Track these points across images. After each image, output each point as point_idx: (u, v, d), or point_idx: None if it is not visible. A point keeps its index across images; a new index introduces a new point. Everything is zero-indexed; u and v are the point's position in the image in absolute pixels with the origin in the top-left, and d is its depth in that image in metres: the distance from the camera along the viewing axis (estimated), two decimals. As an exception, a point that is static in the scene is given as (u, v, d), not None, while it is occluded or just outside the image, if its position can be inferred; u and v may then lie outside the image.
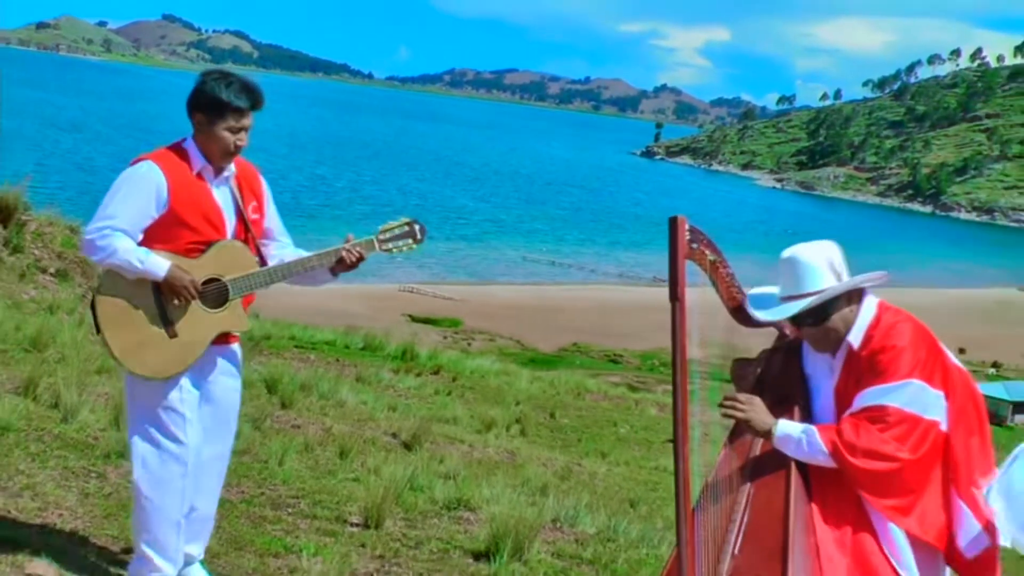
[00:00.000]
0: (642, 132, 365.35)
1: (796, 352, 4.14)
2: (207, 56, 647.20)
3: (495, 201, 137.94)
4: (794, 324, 3.90)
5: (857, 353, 3.82)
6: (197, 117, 4.40)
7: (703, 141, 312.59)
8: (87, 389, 7.92)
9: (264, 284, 4.50)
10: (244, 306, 4.60)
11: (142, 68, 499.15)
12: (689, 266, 3.79)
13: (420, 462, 8.92)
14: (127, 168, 4.44)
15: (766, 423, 3.77)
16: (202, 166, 4.44)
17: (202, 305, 4.40)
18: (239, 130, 4.41)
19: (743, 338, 4.28)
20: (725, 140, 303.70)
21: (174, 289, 4.31)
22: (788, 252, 3.84)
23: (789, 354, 4.16)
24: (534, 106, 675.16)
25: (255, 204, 4.61)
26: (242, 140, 4.44)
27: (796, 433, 3.75)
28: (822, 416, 3.90)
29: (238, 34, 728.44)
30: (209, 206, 4.44)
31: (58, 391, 7.41)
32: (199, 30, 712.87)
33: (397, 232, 4.62)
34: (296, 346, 18.15)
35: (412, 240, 4.64)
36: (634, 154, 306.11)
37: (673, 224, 3.68)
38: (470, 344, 56.14)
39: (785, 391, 3.96)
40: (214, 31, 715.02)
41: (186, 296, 4.33)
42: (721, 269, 3.93)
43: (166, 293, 4.35)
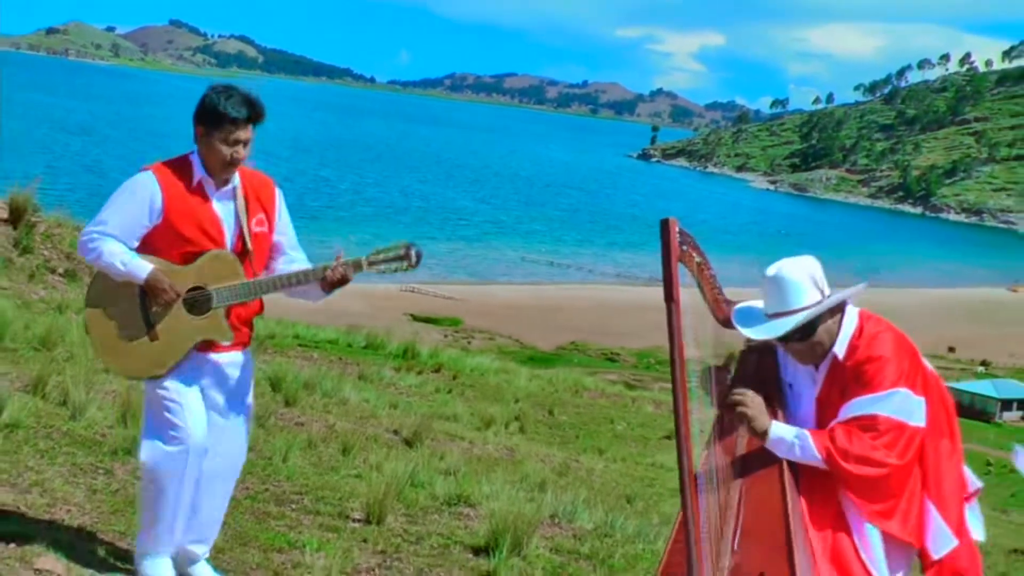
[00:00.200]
0: (639, 135, 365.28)
1: (770, 352, 4.15)
2: (213, 61, 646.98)
3: (495, 202, 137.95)
4: (780, 341, 3.90)
5: (842, 364, 3.85)
6: (198, 128, 4.41)
7: (698, 144, 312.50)
8: (95, 387, 7.92)
9: (248, 296, 4.46)
10: (244, 317, 4.58)
11: (149, 72, 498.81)
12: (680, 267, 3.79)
13: (421, 459, 8.91)
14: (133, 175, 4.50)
15: (764, 424, 3.79)
16: (202, 177, 4.45)
17: (186, 311, 4.41)
18: (236, 142, 4.38)
19: (732, 337, 4.29)
20: (720, 143, 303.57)
21: (154, 291, 4.36)
22: (773, 270, 3.84)
23: (763, 355, 4.16)
24: (533, 109, 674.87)
25: (261, 217, 4.57)
26: (239, 153, 4.41)
27: (789, 437, 3.77)
28: (805, 423, 3.92)
29: (243, 39, 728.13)
30: (206, 217, 4.44)
31: (66, 389, 7.41)
32: (205, 35, 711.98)
33: (391, 255, 4.45)
34: (300, 345, 18.14)
35: (406, 263, 4.43)
36: (631, 157, 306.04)
37: (665, 226, 3.68)
38: (470, 343, 56.15)
39: (765, 392, 3.96)
40: (220, 36, 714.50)
41: (165, 299, 4.36)
42: (706, 271, 3.95)
43: (149, 296, 4.40)
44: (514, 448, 12.70)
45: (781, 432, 3.78)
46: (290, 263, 4.65)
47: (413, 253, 4.42)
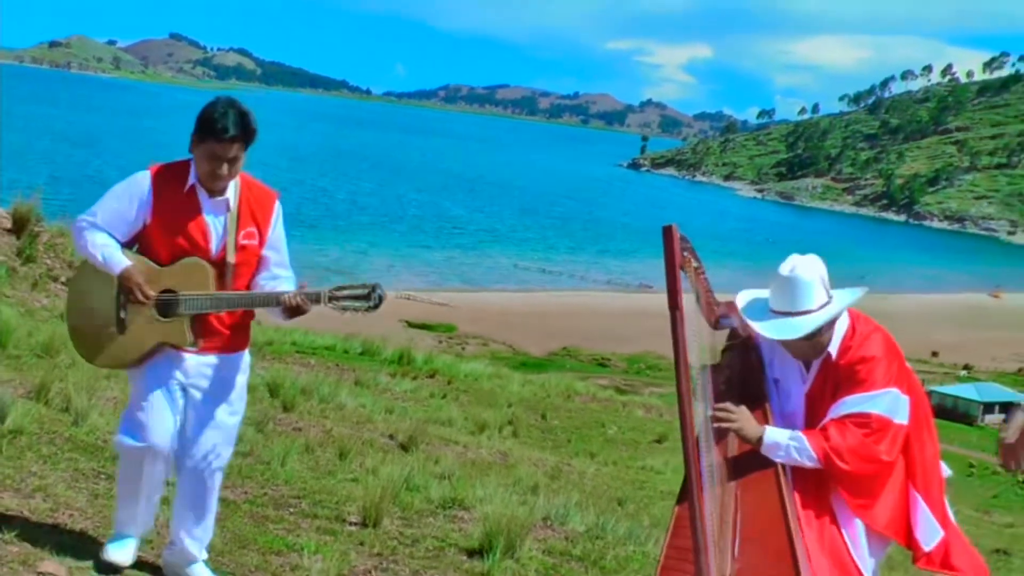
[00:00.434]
0: (629, 145, 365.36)
1: (752, 350, 4.13)
2: (212, 73, 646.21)
3: (489, 211, 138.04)
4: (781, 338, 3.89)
5: (835, 362, 3.86)
6: (193, 137, 4.39)
7: (687, 153, 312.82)
8: (96, 394, 7.90)
9: (214, 308, 4.42)
10: (228, 322, 4.52)
11: (150, 85, 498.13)
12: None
13: (416, 463, 8.91)
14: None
15: (756, 432, 3.78)
16: (195, 184, 4.43)
17: (154, 312, 4.42)
18: (219, 158, 4.34)
19: (720, 337, 4.29)
20: (708, 152, 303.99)
21: (125, 289, 4.39)
22: (787, 270, 3.83)
23: (745, 352, 4.13)
24: (525, 120, 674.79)
25: (252, 230, 4.51)
26: (222, 169, 4.36)
27: (784, 440, 3.78)
28: (793, 419, 3.93)
29: (242, 52, 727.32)
30: (193, 223, 4.42)
31: (69, 395, 7.39)
32: (204, 48, 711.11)
33: (353, 293, 4.38)
34: (297, 351, 18.13)
35: (367, 304, 4.37)
36: (621, 166, 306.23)
37: (668, 233, 3.63)
38: (464, 348, 56.15)
39: (751, 390, 3.95)
40: (219, 49, 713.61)
41: (134, 296, 4.38)
42: (702, 275, 3.94)
43: (123, 291, 4.43)
44: (507, 452, 12.69)
45: (776, 437, 3.78)
46: (272, 280, 4.58)
47: (375, 295, 4.36)
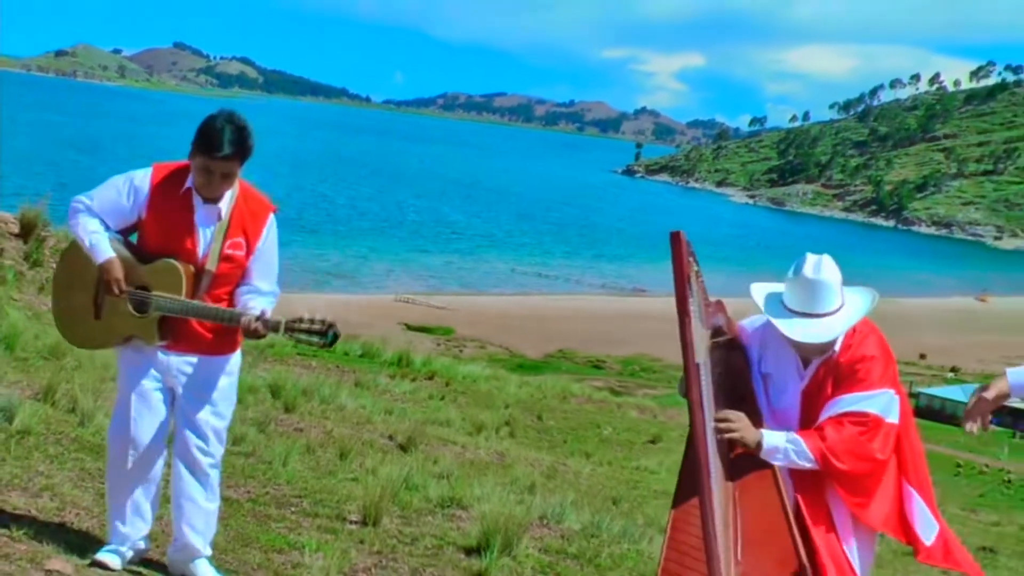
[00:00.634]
0: (623, 152, 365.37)
1: (738, 347, 4.10)
2: (215, 81, 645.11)
3: (486, 217, 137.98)
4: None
5: (836, 359, 3.86)
6: (191, 146, 4.38)
7: (680, 160, 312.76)
8: (102, 395, 7.90)
9: (181, 313, 4.41)
10: (211, 326, 4.48)
11: (154, 93, 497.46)
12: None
13: (415, 463, 8.92)
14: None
15: (755, 437, 3.76)
16: (191, 187, 4.43)
17: (129, 306, 4.45)
18: (209, 171, 4.34)
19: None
20: (701, 159, 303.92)
21: (103, 278, 4.43)
22: (813, 272, 3.81)
23: (731, 351, 4.09)
24: (522, 127, 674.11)
25: (239, 241, 4.48)
26: (212, 181, 4.36)
27: (782, 443, 3.76)
28: (787, 414, 3.91)
29: (244, 60, 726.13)
30: (182, 223, 4.43)
31: (75, 397, 7.40)
32: (208, 57, 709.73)
33: (313, 328, 4.37)
34: (298, 353, 18.09)
35: (320, 340, 4.38)
36: (616, 172, 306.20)
37: (675, 239, 3.59)
38: (462, 351, 56.08)
39: (739, 391, 3.93)
40: (222, 58, 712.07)
41: (109, 288, 4.42)
42: (700, 279, 3.93)
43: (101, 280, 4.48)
44: (504, 452, 12.70)
45: (774, 441, 3.76)
46: (251, 292, 4.53)
47: (331, 334, 4.39)
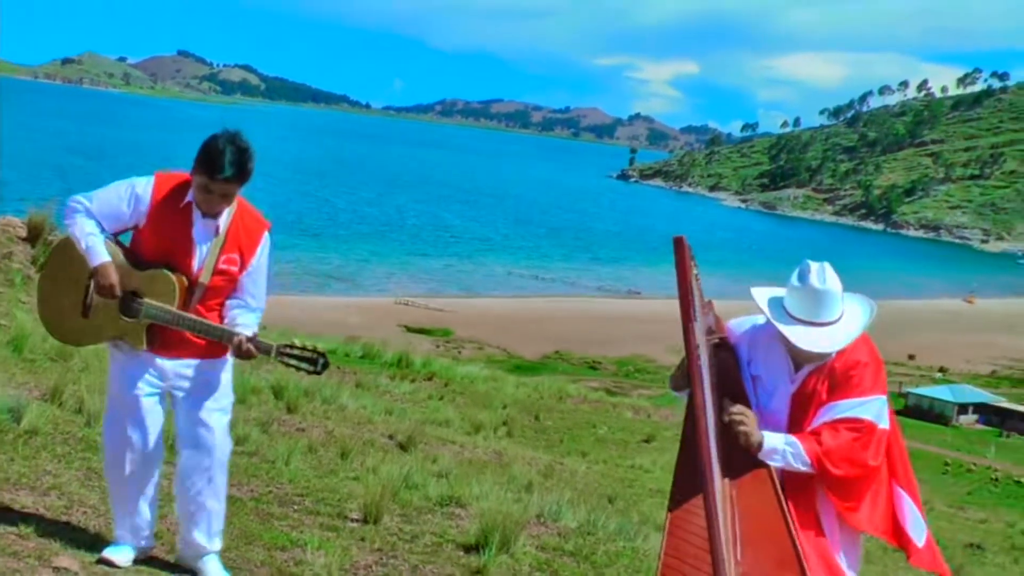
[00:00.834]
0: (618, 157, 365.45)
1: (727, 348, 4.05)
2: (218, 88, 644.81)
3: (484, 221, 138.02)
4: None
5: (830, 365, 3.83)
6: (193, 163, 4.37)
7: (674, 165, 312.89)
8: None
9: (171, 323, 4.41)
10: (189, 339, 4.48)
11: (159, 100, 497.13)
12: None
13: (415, 462, 8.91)
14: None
15: (759, 437, 3.75)
16: (192, 201, 4.42)
17: (118, 308, 4.44)
18: (210, 191, 4.33)
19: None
20: (694, 164, 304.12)
21: (98, 282, 4.41)
22: (820, 282, 3.78)
23: (722, 351, 4.03)
24: (518, 133, 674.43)
25: (233, 256, 4.48)
26: (212, 201, 4.36)
27: (780, 445, 3.74)
28: (775, 417, 3.88)
29: (247, 68, 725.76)
30: (180, 235, 4.42)
31: (82, 398, 7.39)
32: (211, 64, 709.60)
33: (303, 355, 4.41)
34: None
35: (311, 367, 4.42)
36: (610, 177, 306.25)
37: (679, 245, 3.56)
38: (460, 352, 56.12)
39: (731, 391, 3.89)
40: (225, 65, 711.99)
41: (103, 291, 4.41)
42: (699, 281, 3.89)
43: (95, 282, 4.45)
44: (502, 451, 12.70)
45: (773, 442, 3.74)
46: (240, 307, 4.54)
47: (320, 363, 4.43)
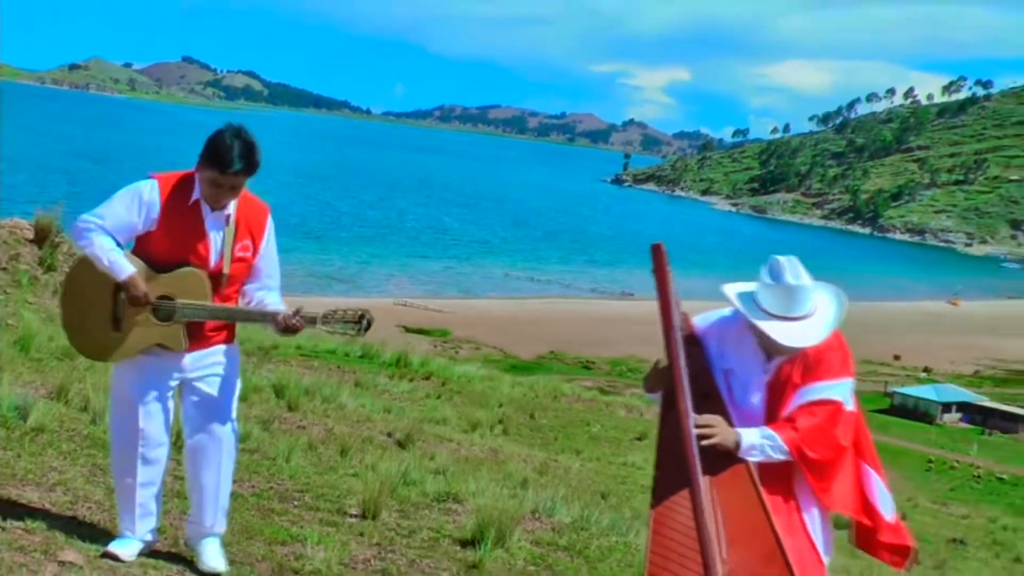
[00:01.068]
0: (612, 162, 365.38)
1: (696, 345, 3.96)
2: (222, 94, 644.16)
3: (482, 224, 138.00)
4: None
5: (804, 351, 3.83)
6: (200, 159, 4.37)
7: (667, 170, 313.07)
8: (113, 394, 7.88)
9: (208, 317, 4.41)
10: (214, 324, 4.50)
11: (164, 105, 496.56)
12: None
13: (413, 459, 8.91)
14: (143, 179, 4.50)
15: (734, 437, 3.72)
16: (199, 198, 4.41)
17: (151, 315, 4.40)
18: (219, 186, 4.33)
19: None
20: (686, 169, 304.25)
21: (129, 293, 4.36)
22: (793, 278, 3.76)
23: (691, 347, 3.93)
24: (515, 138, 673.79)
25: (247, 243, 4.49)
26: (221, 194, 4.36)
27: (758, 440, 3.73)
28: (752, 409, 3.86)
29: (250, 74, 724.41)
30: (196, 235, 4.40)
31: (87, 396, 7.40)
32: (215, 70, 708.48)
33: (346, 318, 4.36)
34: (301, 355, 18.09)
35: (356, 328, 4.37)
36: (605, 182, 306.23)
37: (657, 252, 3.52)
38: (458, 352, 56.09)
39: (703, 388, 3.84)
40: (228, 71, 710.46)
41: (137, 302, 4.36)
42: (673, 285, 3.87)
43: (124, 294, 4.39)
44: (498, 449, 12.70)
45: (751, 439, 3.72)
46: (261, 290, 4.57)
47: (365, 322, 4.37)
